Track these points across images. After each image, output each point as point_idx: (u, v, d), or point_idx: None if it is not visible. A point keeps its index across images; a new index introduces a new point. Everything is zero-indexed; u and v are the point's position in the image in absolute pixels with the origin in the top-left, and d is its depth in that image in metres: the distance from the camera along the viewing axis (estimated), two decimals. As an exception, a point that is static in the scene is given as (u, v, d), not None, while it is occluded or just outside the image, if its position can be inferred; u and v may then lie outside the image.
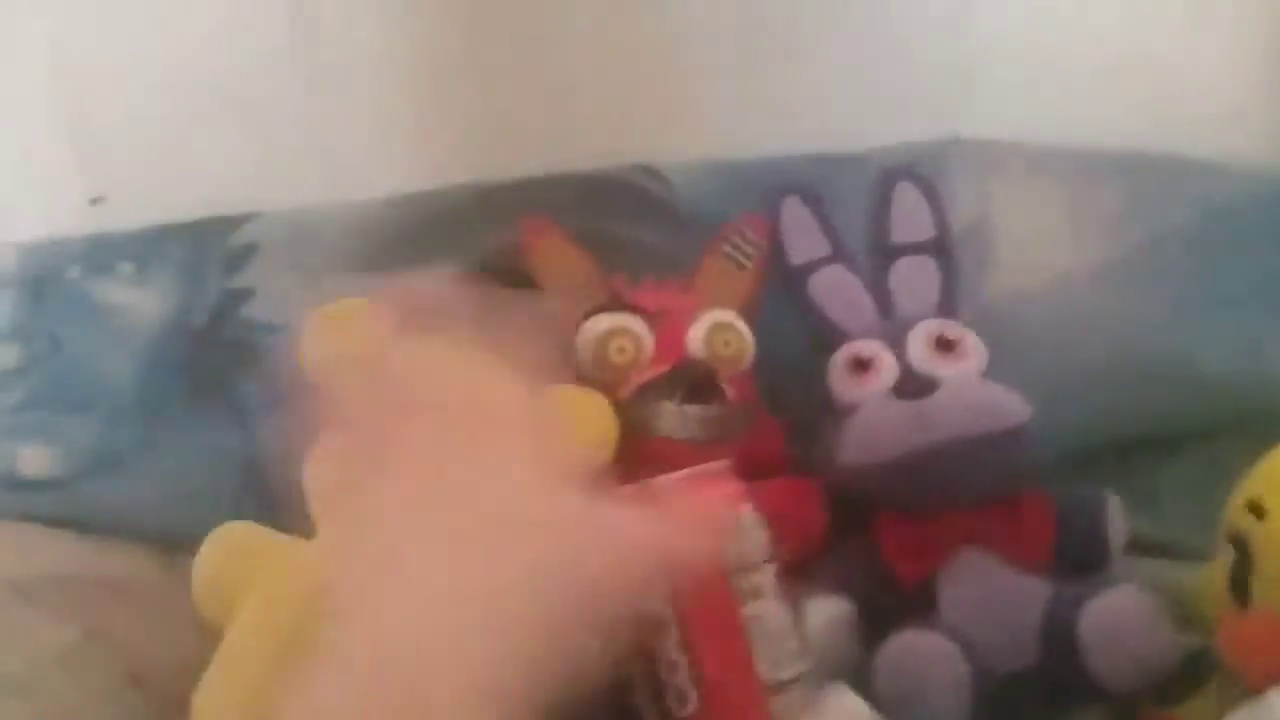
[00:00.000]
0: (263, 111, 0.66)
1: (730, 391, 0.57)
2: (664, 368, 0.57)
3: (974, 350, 0.57)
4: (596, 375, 0.57)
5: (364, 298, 0.47)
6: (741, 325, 0.60)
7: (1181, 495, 0.63)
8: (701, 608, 0.41)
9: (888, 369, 0.57)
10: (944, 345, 0.57)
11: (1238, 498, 0.43)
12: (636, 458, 0.49)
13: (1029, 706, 0.49)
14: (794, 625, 0.43)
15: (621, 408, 0.56)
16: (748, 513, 0.43)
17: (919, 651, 0.48)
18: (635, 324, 0.58)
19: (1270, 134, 0.69)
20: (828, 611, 0.52)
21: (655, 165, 0.67)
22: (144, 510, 0.61)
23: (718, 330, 0.58)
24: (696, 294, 0.63)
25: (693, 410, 0.55)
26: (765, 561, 0.43)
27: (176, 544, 0.49)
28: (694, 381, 0.56)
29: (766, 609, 0.42)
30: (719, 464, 0.44)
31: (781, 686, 0.41)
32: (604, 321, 0.58)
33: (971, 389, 0.55)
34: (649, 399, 0.55)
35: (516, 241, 0.62)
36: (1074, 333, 0.65)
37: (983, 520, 0.54)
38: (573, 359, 0.58)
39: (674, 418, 0.55)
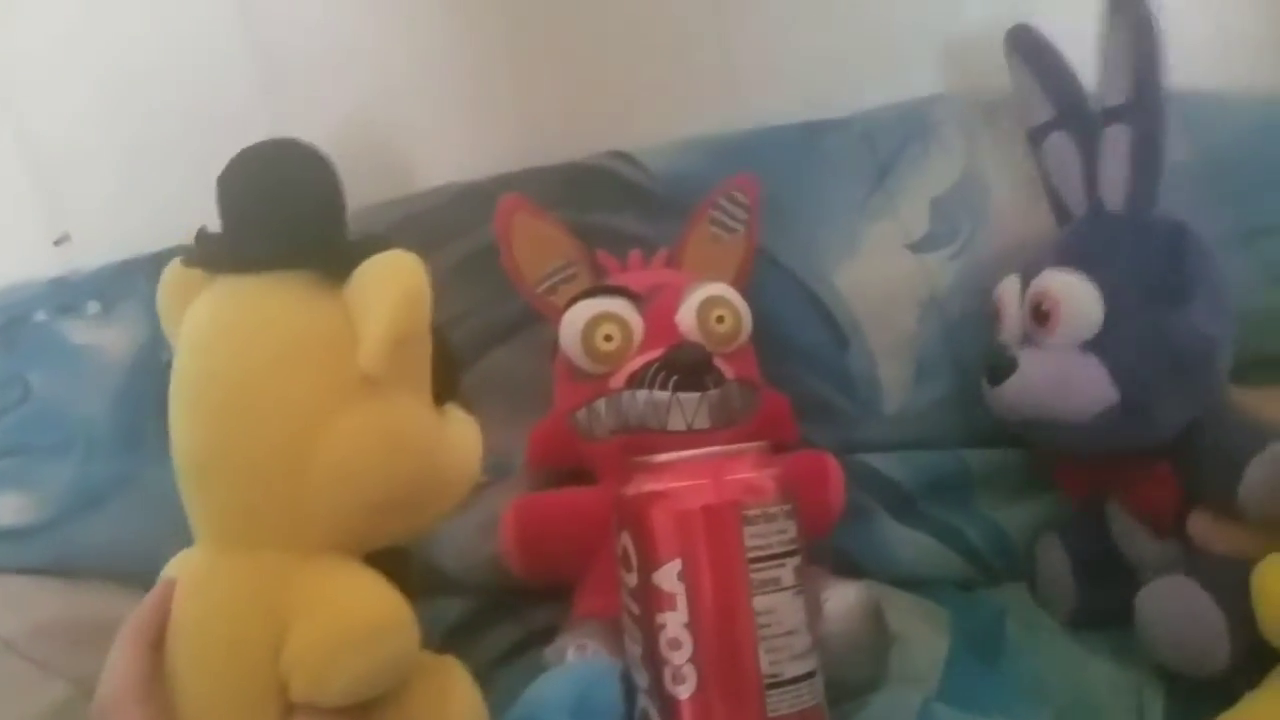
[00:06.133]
0: (219, 132, 0.64)
1: (728, 370, 0.53)
2: (655, 352, 0.53)
3: (1067, 319, 0.55)
4: (586, 366, 0.54)
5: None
6: (734, 296, 0.56)
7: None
8: (712, 594, 0.40)
9: (1010, 322, 0.59)
10: (1039, 316, 0.56)
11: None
12: (640, 454, 0.45)
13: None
14: (807, 623, 0.41)
15: (614, 402, 0.53)
16: (776, 502, 0.41)
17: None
18: (621, 307, 0.54)
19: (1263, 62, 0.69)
20: (846, 599, 0.49)
21: (629, 150, 0.65)
22: (128, 547, 0.59)
23: (709, 305, 0.55)
24: (685, 268, 0.60)
25: (688, 399, 0.51)
26: (788, 554, 0.41)
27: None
28: (687, 367, 0.52)
29: (780, 603, 0.40)
30: (753, 445, 0.43)
31: (783, 684, 0.40)
32: (588, 308, 0.54)
33: (1038, 384, 0.56)
34: (640, 391, 0.52)
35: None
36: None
37: (1115, 475, 0.58)
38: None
39: (671, 410, 0.51)
